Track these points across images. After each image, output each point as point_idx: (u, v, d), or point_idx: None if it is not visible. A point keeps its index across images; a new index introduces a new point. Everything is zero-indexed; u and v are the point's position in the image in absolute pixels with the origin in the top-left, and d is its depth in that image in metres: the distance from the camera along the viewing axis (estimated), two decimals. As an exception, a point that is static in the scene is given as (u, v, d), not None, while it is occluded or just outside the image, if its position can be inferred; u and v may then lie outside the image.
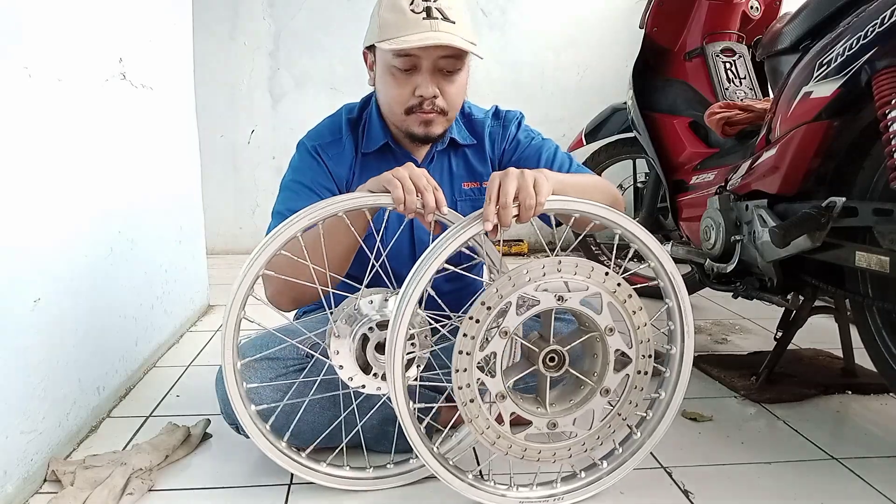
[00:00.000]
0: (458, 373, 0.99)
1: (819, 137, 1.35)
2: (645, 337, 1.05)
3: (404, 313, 0.99)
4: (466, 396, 1.00)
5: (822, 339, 1.96)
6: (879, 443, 1.39)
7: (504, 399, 1.02)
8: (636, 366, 1.06)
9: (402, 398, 1.01)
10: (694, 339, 1.12)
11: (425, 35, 1.10)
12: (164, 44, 1.93)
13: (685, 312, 1.10)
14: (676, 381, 1.13)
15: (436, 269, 1.00)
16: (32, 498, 1.13)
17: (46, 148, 1.23)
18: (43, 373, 1.20)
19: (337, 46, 3.44)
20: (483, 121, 1.36)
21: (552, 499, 1.11)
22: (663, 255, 1.08)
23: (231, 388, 1.08)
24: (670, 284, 1.09)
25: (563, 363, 1.05)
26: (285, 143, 3.48)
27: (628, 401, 1.08)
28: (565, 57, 3.62)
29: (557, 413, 1.06)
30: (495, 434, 1.04)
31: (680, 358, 1.12)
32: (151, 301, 1.80)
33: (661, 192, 2.12)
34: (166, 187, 1.95)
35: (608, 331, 1.03)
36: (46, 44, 1.22)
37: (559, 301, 1.00)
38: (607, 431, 1.09)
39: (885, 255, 1.18)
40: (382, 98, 1.24)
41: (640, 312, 1.04)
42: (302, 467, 1.13)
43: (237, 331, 1.06)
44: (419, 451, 1.05)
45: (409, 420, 1.02)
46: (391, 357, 0.99)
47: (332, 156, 1.27)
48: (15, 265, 1.11)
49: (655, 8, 2.13)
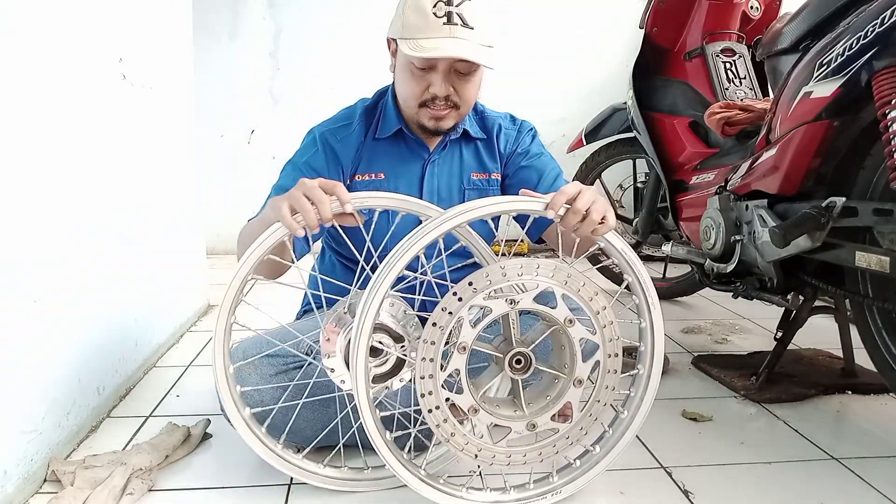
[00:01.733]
0: (425, 397, 0.99)
1: (819, 137, 1.35)
2: (607, 320, 1.04)
3: (372, 302, 0.98)
4: (439, 418, 1.00)
5: (822, 339, 1.96)
6: (879, 443, 1.39)
7: (477, 412, 1.02)
8: (604, 350, 1.05)
9: (366, 405, 1.00)
10: (663, 325, 1.11)
11: (443, 43, 1.14)
12: (164, 44, 1.93)
13: (657, 333, 1.10)
14: (642, 400, 1.13)
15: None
16: (32, 498, 1.13)
17: (46, 147, 1.22)
18: (43, 373, 1.20)
19: (337, 46, 3.44)
20: (496, 119, 1.40)
21: (551, 494, 1.11)
22: (645, 279, 1.08)
23: (223, 392, 1.08)
24: (645, 301, 1.09)
25: (529, 364, 1.04)
26: (285, 144, 3.45)
27: (604, 386, 1.07)
28: (566, 57, 3.62)
29: (535, 413, 1.05)
30: (476, 447, 1.03)
31: (647, 377, 1.12)
32: (151, 301, 1.80)
33: (661, 192, 2.12)
34: (166, 187, 1.95)
35: (568, 322, 1.02)
36: (46, 44, 1.22)
37: (511, 304, 0.99)
38: (590, 420, 1.08)
39: (885, 255, 1.18)
40: (399, 89, 1.28)
41: (597, 297, 1.02)
42: (299, 469, 1.13)
43: (228, 336, 1.07)
44: (383, 455, 1.04)
45: (374, 427, 1.02)
46: (355, 353, 0.98)
47: (340, 138, 1.30)
48: (15, 265, 1.11)
49: (655, 8, 2.13)
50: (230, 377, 1.08)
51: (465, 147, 1.37)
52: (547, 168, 1.37)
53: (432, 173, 1.33)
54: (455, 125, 1.28)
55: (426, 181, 1.33)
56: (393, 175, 1.31)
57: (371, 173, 1.31)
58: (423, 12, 1.15)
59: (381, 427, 1.03)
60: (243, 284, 1.05)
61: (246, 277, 1.04)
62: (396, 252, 0.99)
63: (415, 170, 1.33)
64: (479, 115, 1.40)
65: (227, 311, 1.05)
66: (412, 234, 1.00)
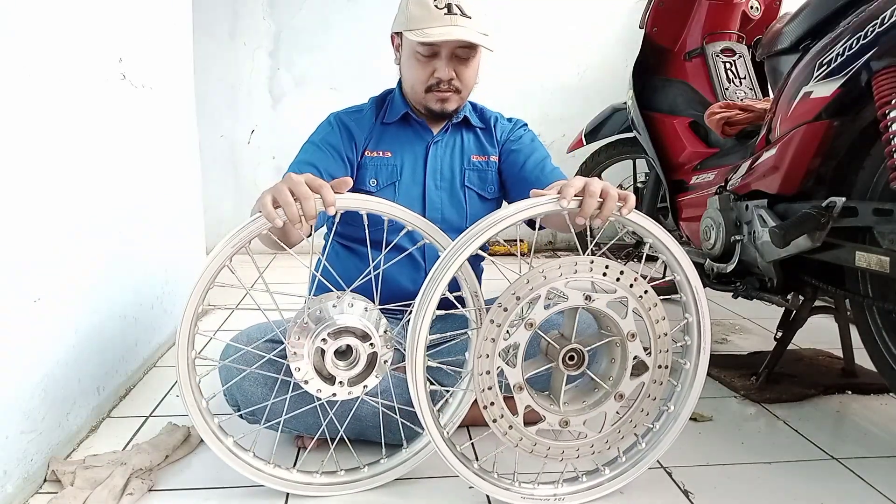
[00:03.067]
0: (481, 358, 0.99)
1: (819, 137, 1.35)
2: (664, 347, 1.05)
3: (431, 300, 0.99)
4: (485, 383, 1.00)
5: (822, 339, 1.96)
6: (879, 443, 1.39)
7: (521, 390, 1.03)
8: (652, 375, 1.06)
9: (420, 381, 1.02)
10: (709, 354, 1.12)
11: (446, 30, 1.26)
12: (163, 44, 1.93)
13: (704, 329, 1.11)
14: (688, 395, 1.13)
15: (474, 250, 1.01)
16: (32, 498, 1.13)
17: (46, 148, 1.22)
18: (43, 373, 1.20)
19: (337, 46, 3.44)
20: (492, 114, 1.52)
21: (554, 498, 1.11)
22: (691, 271, 1.08)
23: (202, 428, 1.08)
24: (692, 299, 1.09)
25: (582, 362, 1.05)
26: (285, 143, 3.47)
27: (640, 409, 1.08)
28: (565, 57, 3.62)
29: (570, 412, 1.06)
30: (507, 424, 1.04)
31: (693, 372, 1.13)
32: (151, 301, 1.80)
33: (661, 192, 2.12)
34: (166, 187, 1.95)
35: (630, 336, 1.03)
36: (46, 44, 1.22)
37: (587, 300, 1.00)
38: (616, 436, 1.09)
39: (885, 255, 1.18)
40: (406, 77, 1.40)
41: (662, 322, 1.04)
42: (294, 484, 1.13)
43: (191, 346, 1.07)
44: (432, 436, 1.05)
45: (425, 402, 1.03)
46: (413, 343, 1.00)
47: (354, 119, 1.43)
48: (15, 265, 1.11)
49: (655, 8, 2.13)
50: (195, 389, 1.08)
51: (466, 132, 1.48)
52: (536, 151, 1.46)
53: (435, 154, 1.43)
54: (458, 108, 1.40)
55: (429, 160, 1.42)
56: (399, 153, 1.42)
57: (379, 151, 1.41)
58: (426, 6, 1.27)
59: (441, 425, 1.05)
60: (211, 282, 1.05)
61: (209, 285, 1.05)
62: (440, 266, 1.02)
63: (419, 150, 1.43)
64: (479, 111, 1.52)
65: (189, 323, 1.05)
66: (452, 248, 1.02)
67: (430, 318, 1.00)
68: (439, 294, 1.00)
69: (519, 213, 1.00)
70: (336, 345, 1.06)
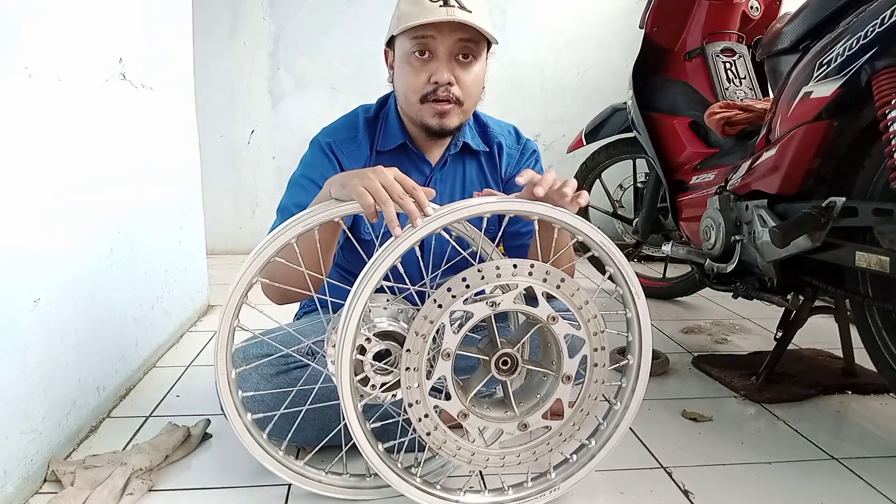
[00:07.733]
0: (412, 407, 0.98)
1: (819, 137, 1.35)
2: (591, 314, 1.03)
3: (360, 294, 0.96)
4: (428, 426, 1.00)
5: (822, 339, 1.96)
6: (879, 443, 1.39)
7: (467, 417, 1.01)
8: (590, 344, 1.04)
9: (354, 418, 0.99)
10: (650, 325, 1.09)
11: (442, 16, 1.11)
12: (164, 44, 1.93)
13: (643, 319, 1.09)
14: (638, 369, 1.11)
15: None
16: (32, 498, 1.13)
17: (46, 148, 1.22)
18: (43, 373, 1.20)
19: (337, 46, 3.44)
20: (498, 133, 1.37)
21: (549, 491, 1.11)
22: (618, 257, 1.06)
23: (225, 396, 1.07)
24: (628, 290, 1.08)
25: (516, 365, 1.03)
26: (285, 143, 3.49)
27: (593, 380, 1.06)
28: (565, 57, 3.62)
29: (526, 412, 1.05)
30: (469, 452, 1.03)
31: (637, 325, 1.10)
32: (151, 301, 1.80)
33: (661, 192, 2.12)
34: (166, 187, 1.95)
35: (551, 319, 1.02)
36: (46, 44, 1.22)
37: (492, 307, 0.98)
38: (581, 415, 1.07)
39: (885, 255, 1.18)
40: (399, 89, 1.23)
41: (578, 293, 1.01)
42: (300, 476, 1.12)
43: (231, 340, 1.06)
44: (374, 465, 1.03)
45: (364, 439, 1.01)
46: (339, 364, 0.97)
47: (348, 153, 1.26)
48: (15, 265, 1.11)
49: (655, 8, 2.13)
50: (232, 382, 1.08)
51: (468, 162, 1.34)
52: None
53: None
54: (460, 125, 1.24)
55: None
56: None
57: None
58: (419, 1, 1.14)
59: (373, 439, 1.03)
60: (249, 287, 1.03)
61: (251, 282, 1.03)
62: (385, 250, 0.98)
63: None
64: (481, 126, 1.37)
65: (232, 313, 1.03)
66: (397, 238, 0.97)
67: (360, 313, 0.97)
68: (372, 286, 0.96)
69: (490, 205, 0.98)
70: (378, 347, 1.03)
